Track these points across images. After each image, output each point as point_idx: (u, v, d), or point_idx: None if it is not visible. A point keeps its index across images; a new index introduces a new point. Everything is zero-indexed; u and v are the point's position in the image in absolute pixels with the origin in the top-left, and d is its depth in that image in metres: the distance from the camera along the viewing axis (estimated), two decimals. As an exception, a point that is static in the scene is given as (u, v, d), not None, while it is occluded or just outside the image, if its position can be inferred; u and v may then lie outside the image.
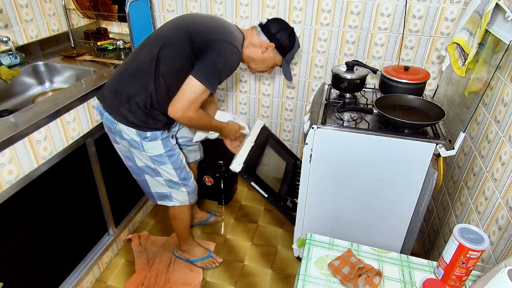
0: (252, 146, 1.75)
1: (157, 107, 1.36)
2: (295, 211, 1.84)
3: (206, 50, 1.28)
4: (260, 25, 1.46)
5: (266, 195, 1.74)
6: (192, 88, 1.28)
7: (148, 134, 1.38)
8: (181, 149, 1.77)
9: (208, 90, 1.29)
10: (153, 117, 1.37)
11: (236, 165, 1.63)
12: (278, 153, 2.10)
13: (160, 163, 1.46)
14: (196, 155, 1.87)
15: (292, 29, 1.47)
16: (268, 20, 1.47)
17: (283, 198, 1.85)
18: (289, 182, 1.96)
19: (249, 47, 1.45)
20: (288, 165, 2.12)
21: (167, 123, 1.43)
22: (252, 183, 1.72)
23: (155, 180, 1.53)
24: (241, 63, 1.48)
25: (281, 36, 1.43)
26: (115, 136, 1.43)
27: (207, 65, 1.28)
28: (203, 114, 1.41)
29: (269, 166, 1.91)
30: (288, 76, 1.56)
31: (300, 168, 1.90)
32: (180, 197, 1.60)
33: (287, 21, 1.49)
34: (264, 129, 1.96)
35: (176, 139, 1.70)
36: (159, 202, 1.63)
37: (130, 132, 1.38)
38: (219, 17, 1.44)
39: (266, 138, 1.81)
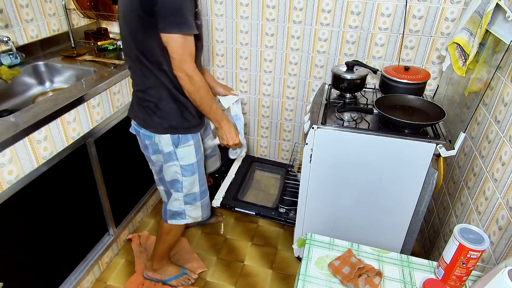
0: (233, 179, 1.98)
1: (180, 92, 1.30)
2: (291, 214, 1.88)
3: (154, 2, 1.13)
4: None
5: (253, 213, 1.94)
6: (172, 45, 1.17)
7: (180, 137, 1.38)
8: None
9: (188, 33, 1.18)
10: (186, 109, 1.34)
11: (216, 201, 1.90)
12: (268, 171, 2.35)
13: (189, 173, 1.44)
14: (216, 164, 1.85)
15: None
16: None
17: (273, 208, 1.93)
18: (282, 189, 2.04)
19: None
20: (283, 177, 2.27)
21: (200, 116, 1.40)
22: (236, 209, 1.93)
23: (174, 195, 1.50)
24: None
25: None
26: (149, 152, 1.45)
27: (166, 13, 1.13)
28: (205, 83, 1.29)
29: (261, 185, 2.11)
30: None
31: (291, 171, 2.02)
32: (194, 213, 1.56)
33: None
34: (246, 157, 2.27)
35: None
36: (169, 222, 1.56)
37: (164, 142, 1.38)
38: None
39: (250, 164, 1.92)
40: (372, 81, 1.98)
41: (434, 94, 1.78)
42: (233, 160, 1.99)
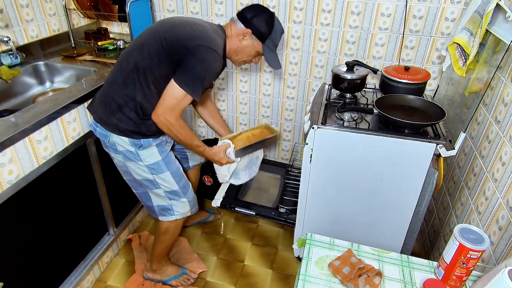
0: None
1: (149, 114, 1.33)
2: (291, 214, 1.88)
3: (185, 56, 1.25)
4: (238, 13, 1.42)
5: (253, 213, 1.94)
6: (173, 94, 1.26)
7: (142, 141, 1.36)
8: (184, 152, 1.74)
9: (190, 96, 1.27)
10: (146, 123, 1.35)
11: (216, 201, 1.90)
12: (268, 171, 2.33)
13: (158, 171, 1.43)
14: (200, 158, 1.83)
15: (270, 13, 1.40)
16: (244, 7, 1.42)
17: (274, 208, 1.93)
18: (282, 189, 2.04)
19: (229, 40, 1.41)
20: (283, 177, 2.26)
21: (160, 130, 1.38)
22: (236, 209, 1.92)
23: (154, 193, 1.49)
24: (228, 61, 1.49)
25: (257, 21, 1.37)
26: (109, 150, 1.43)
27: (188, 72, 1.26)
28: (185, 126, 1.36)
29: (261, 185, 2.07)
30: (274, 65, 1.47)
31: (291, 171, 2.02)
32: (182, 208, 1.55)
33: (266, 7, 1.42)
34: None
35: (174, 144, 1.64)
36: (160, 218, 1.56)
37: (123, 143, 1.36)
38: (198, 21, 1.37)
39: None
40: (372, 81, 1.98)
41: (434, 94, 1.78)
42: None
